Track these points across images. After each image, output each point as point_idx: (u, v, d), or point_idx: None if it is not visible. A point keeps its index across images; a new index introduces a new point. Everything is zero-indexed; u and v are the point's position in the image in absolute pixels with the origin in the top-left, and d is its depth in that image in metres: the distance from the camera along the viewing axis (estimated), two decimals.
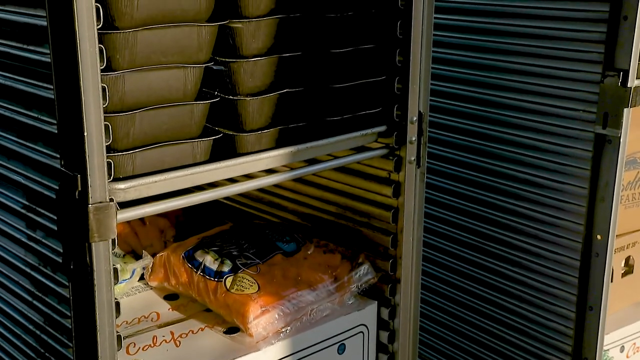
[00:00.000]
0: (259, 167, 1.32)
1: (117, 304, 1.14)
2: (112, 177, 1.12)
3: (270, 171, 1.35)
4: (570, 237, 1.75)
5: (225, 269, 1.49)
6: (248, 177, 1.35)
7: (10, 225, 1.31)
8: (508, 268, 1.90)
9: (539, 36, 1.74)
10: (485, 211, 1.93)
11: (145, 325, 1.47)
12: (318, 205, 1.69)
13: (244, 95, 1.28)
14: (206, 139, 1.25)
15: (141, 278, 1.62)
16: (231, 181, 1.32)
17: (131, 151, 1.16)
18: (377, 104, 1.46)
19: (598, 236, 1.70)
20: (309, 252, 1.57)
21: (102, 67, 1.07)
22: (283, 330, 1.43)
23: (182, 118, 1.23)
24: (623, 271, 1.91)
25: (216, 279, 1.48)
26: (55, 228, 1.16)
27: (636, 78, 1.60)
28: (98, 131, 1.07)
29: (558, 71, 1.72)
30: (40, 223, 1.22)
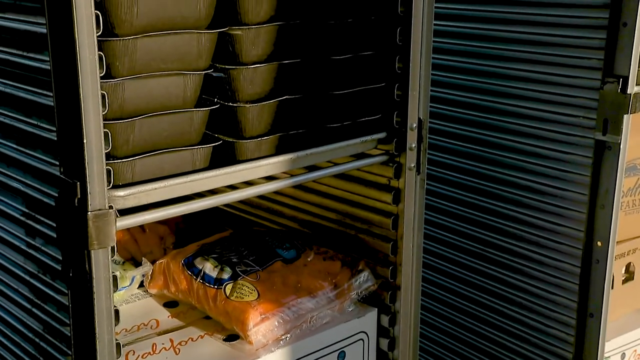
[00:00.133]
0: (259, 174, 1.32)
1: (117, 312, 1.14)
2: (112, 185, 1.12)
3: (270, 178, 1.35)
4: (570, 244, 1.75)
5: (225, 276, 1.48)
6: (248, 184, 1.35)
7: (9, 232, 1.30)
8: (508, 275, 1.90)
9: (539, 43, 1.74)
10: (485, 218, 1.93)
11: (144, 332, 1.47)
12: (318, 212, 1.68)
13: (244, 102, 1.28)
14: (206, 146, 1.25)
15: (141, 285, 1.62)
16: (231, 188, 1.32)
17: (131, 158, 1.16)
18: (377, 111, 1.46)
19: (598, 243, 1.69)
20: (309, 259, 1.57)
21: (102, 75, 1.07)
22: (283, 337, 1.43)
23: (182, 125, 1.23)
24: (624, 278, 1.90)
25: (216, 286, 1.47)
26: (54, 235, 1.16)
27: (636, 84, 1.60)
28: (97, 138, 1.07)
29: (558, 77, 1.72)
30: (39, 230, 1.21)
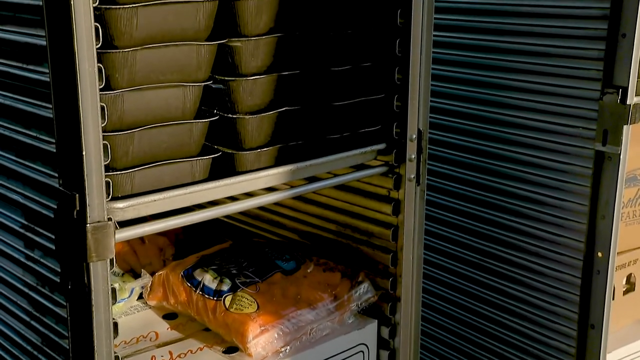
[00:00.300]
0: (258, 186, 1.31)
1: (115, 325, 1.13)
2: (111, 196, 1.12)
3: (269, 189, 1.35)
4: (571, 255, 1.75)
5: (224, 288, 1.48)
6: (248, 195, 1.34)
7: (8, 244, 1.30)
8: (509, 286, 1.89)
9: (539, 54, 1.74)
10: (485, 229, 1.92)
11: (143, 345, 1.46)
12: (318, 223, 1.68)
13: (243, 113, 1.28)
14: (205, 158, 1.25)
15: (140, 297, 1.61)
16: (231, 199, 1.32)
17: (130, 170, 1.16)
18: (377, 122, 1.46)
19: (599, 253, 1.69)
20: (309, 271, 1.56)
21: (101, 87, 1.07)
22: (282, 349, 1.42)
23: (181, 136, 1.23)
24: (624, 289, 1.90)
25: (215, 298, 1.47)
26: (53, 247, 1.16)
27: (635, 95, 1.60)
28: (97, 150, 1.07)
29: (557, 88, 1.72)
30: (38, 242, 1.21)
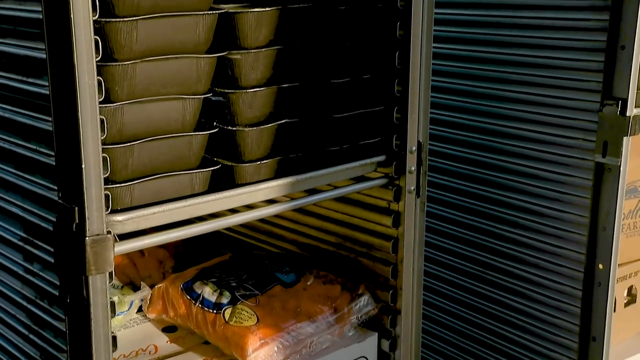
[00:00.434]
0: (258, 198, 1.31)
1: (114, 338, 1.13)
2: (110, 209, 1.12)
3: (269, 201, 1.35)
4: (571, 267, 1.74)
5: (224, 301, 1.47)
6: (248, 208, 1.34)
7: (7, 257, 1.30)
8: (510, 298, 1.89)
9: (538, 65, 1.74)
10: (486, 240, 1.92)
11: (143, 358, 1.45)
12: (317, 235, 1.68)
13: (243, 125, 1.28)
14: (205, 170, 1.24)
15: (139, 310, 1.60)
16: (231, 211, 1.31)
17: (129, 183, 1.15)
18: (376, 134, 1.46)
19: (600, 265, 1.68)
20: (309, 283, 1.56)
21: (101, 99, 1.07)
22: None
23: (181, 149, 1.22)
24: (626, 301, 1.89)
25: (215, 311, 1.46)
26: (52, 261, 1.15)
27: (635, 107, 1.60)
28: (96, 163, 1.07)
29: (557, 100, 1.72)
30: (37, 255, 1.21)
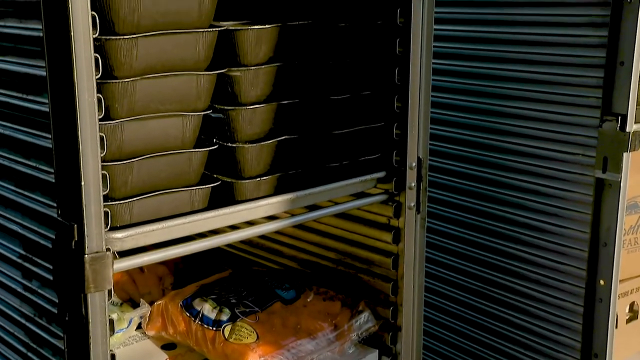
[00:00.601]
0: (258, 215, 1.31)
1: (113, 356, 1.12)
2: (109, 226, 1.11)
3: (269, 218, 1.34)
4: (572, 282, 1.74)
5: (223, 318, 1.47)
6: (247, 224, 1.34)
7: (6, 275, 1.29)
8: (511, 314, 1.88)
9: (538, 81, 1.75)
10: (487, 256, 1.91)
11: None
12: (318, 251, 1.67)
13: (243, 142, 1.28)
14: (204, 187, 1.24)
15: (139, 327, 1.59)
16: (231, 228, 1.31)
17: (129, 200, 1.15)
18: (376, 150, 1.46)
19: (601, 281, 1.68)
20: (309, 300, 1.55)
21: (101, 117, 1.07)
22: None
23: (181, 166, 1.22)
24: (628, 317, 1.88)
25: (214, 328, 1.45)
26: (51, 278, 1.15)
27: (635, 122, 1.60)
28: (95, 180, 1.07)
29: (557, 115, 1.72)
30: (36, 273, 1.20)
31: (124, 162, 1.15)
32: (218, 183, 1.26)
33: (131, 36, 1.11)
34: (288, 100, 1.32)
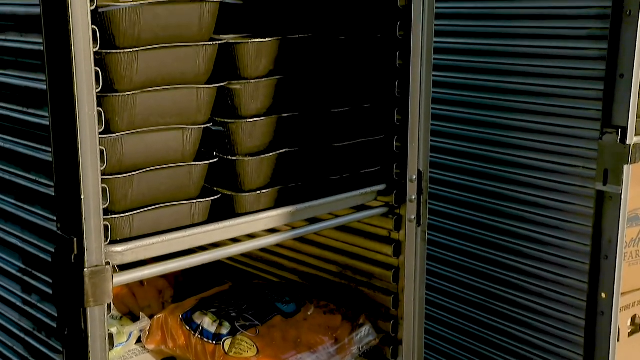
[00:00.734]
0: (258, 228, 1.31)
1: None
2: (109, 240, 1.11)
3: (270, 230, 1.34)
4: (574, 295, 1.73)
5: (223, 331, 1.46)
6: (248, 237, 1.33)
7: (5, 288, 1.29)
8: (513, 327, 1.87)
9: (538, 94, 1.75)
10: (488, 269, 1.91)
11: None
12: (318, 264, 1.67)
13: (243, 155, 1.28)
14: (204, 200, 1.24)
15: (138, 341, 1.59)
16: (231, 241, 1.31)
17: (129, 213, 1.15)
18: (376, 163, 1.46)
19: (603, 294, 1.67)
20: (309, 313, 1.54)
21: (101, 130, 1.07)
22: None
23: (181, 179, 1.22)
24: (630, 330, 1.87)
25: (214, 342, 1.45)
26: (50, 292, 1.14)
27: (635, 135, 1.60)
28: (95, 194, 1.07)
29: (557, 128, 1.72)
30: (35, 287, 1.20)
31: (124, 176, 1.15)
32: (218, 196, 1.26)
33: (132, 50, 1.11)
34: (288, 113, 1.32)
